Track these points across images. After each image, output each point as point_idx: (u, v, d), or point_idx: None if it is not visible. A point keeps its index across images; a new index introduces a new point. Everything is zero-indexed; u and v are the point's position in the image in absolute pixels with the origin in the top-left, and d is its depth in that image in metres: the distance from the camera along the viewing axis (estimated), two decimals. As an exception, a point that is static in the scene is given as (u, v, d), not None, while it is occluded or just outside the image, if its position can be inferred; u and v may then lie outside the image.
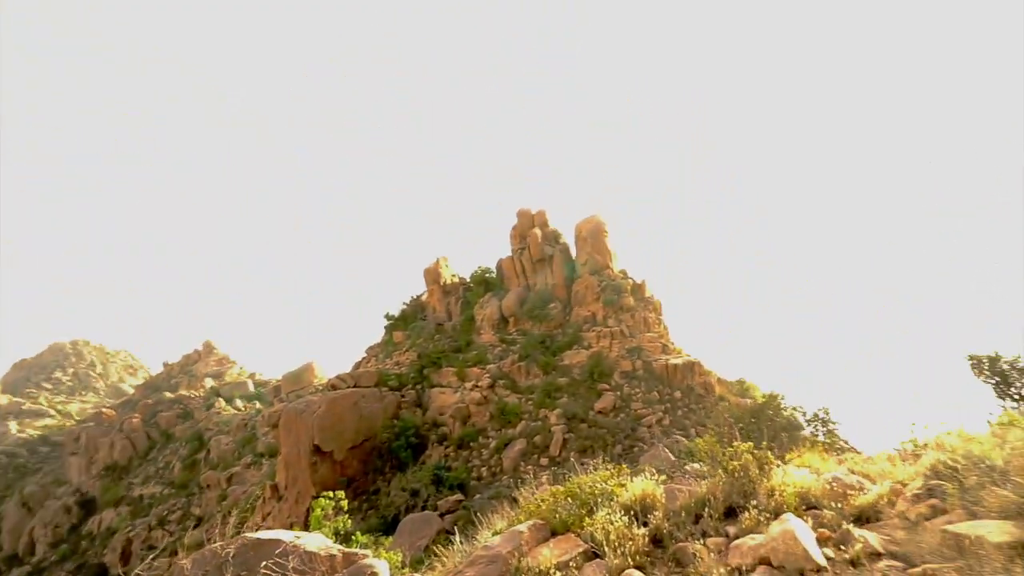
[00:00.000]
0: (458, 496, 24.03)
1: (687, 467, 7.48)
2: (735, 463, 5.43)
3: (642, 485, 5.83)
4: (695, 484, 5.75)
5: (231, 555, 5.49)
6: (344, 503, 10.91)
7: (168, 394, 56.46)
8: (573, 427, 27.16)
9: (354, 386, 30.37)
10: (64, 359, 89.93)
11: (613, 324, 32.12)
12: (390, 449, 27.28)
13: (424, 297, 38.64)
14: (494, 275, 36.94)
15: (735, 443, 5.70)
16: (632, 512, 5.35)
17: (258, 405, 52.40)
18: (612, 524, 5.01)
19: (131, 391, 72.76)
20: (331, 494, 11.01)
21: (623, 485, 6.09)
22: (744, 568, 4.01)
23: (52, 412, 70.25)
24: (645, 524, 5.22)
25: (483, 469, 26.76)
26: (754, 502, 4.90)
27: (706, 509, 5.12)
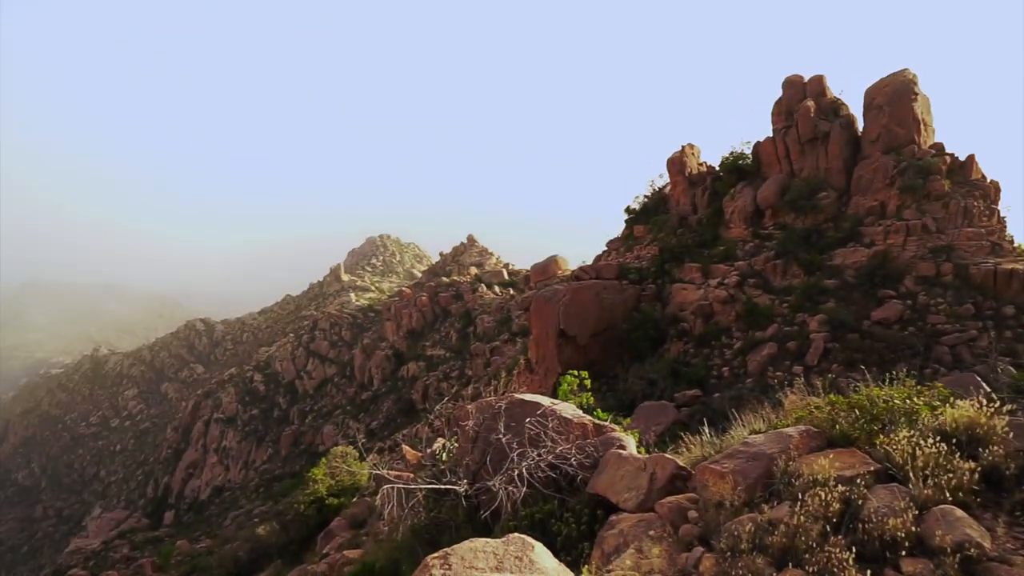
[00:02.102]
0: (696, 391, 23.71)
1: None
2: None
3: (968, 411, 4.53)
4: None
5: (503, 408, 6.44)
6: (588, 381, 11.70)
7: (444, 279, 68.69)
8: (839, 336, 23.38)
9: (596, 278, 31.59)
10: (375, 250, 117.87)
11: (911, 216, 25.16)
12: (629, 339, 28.06)
13: (667, 189, 36.39)
14: (749, 162, 32.06)
15: None
16: (953, 441, 4.22)
17: (512, 292, 59.73)
18: (921, 448, 4.04)
19: (419, 275, 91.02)
20: (575, 372, 11.90)
21: (935, 406, 4.85)
22: None
23: (373, 288, 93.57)
24: (972, 458, 4.08)
25: (724, 369, 25.57)
26: None
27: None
